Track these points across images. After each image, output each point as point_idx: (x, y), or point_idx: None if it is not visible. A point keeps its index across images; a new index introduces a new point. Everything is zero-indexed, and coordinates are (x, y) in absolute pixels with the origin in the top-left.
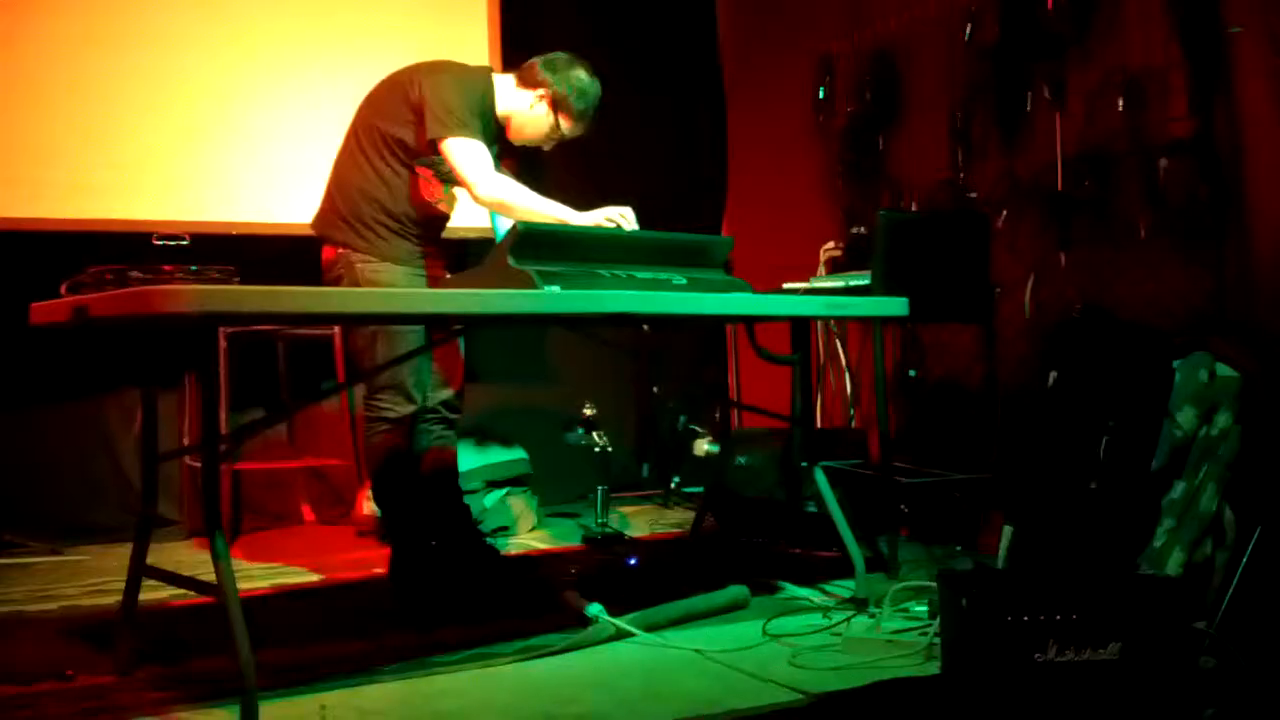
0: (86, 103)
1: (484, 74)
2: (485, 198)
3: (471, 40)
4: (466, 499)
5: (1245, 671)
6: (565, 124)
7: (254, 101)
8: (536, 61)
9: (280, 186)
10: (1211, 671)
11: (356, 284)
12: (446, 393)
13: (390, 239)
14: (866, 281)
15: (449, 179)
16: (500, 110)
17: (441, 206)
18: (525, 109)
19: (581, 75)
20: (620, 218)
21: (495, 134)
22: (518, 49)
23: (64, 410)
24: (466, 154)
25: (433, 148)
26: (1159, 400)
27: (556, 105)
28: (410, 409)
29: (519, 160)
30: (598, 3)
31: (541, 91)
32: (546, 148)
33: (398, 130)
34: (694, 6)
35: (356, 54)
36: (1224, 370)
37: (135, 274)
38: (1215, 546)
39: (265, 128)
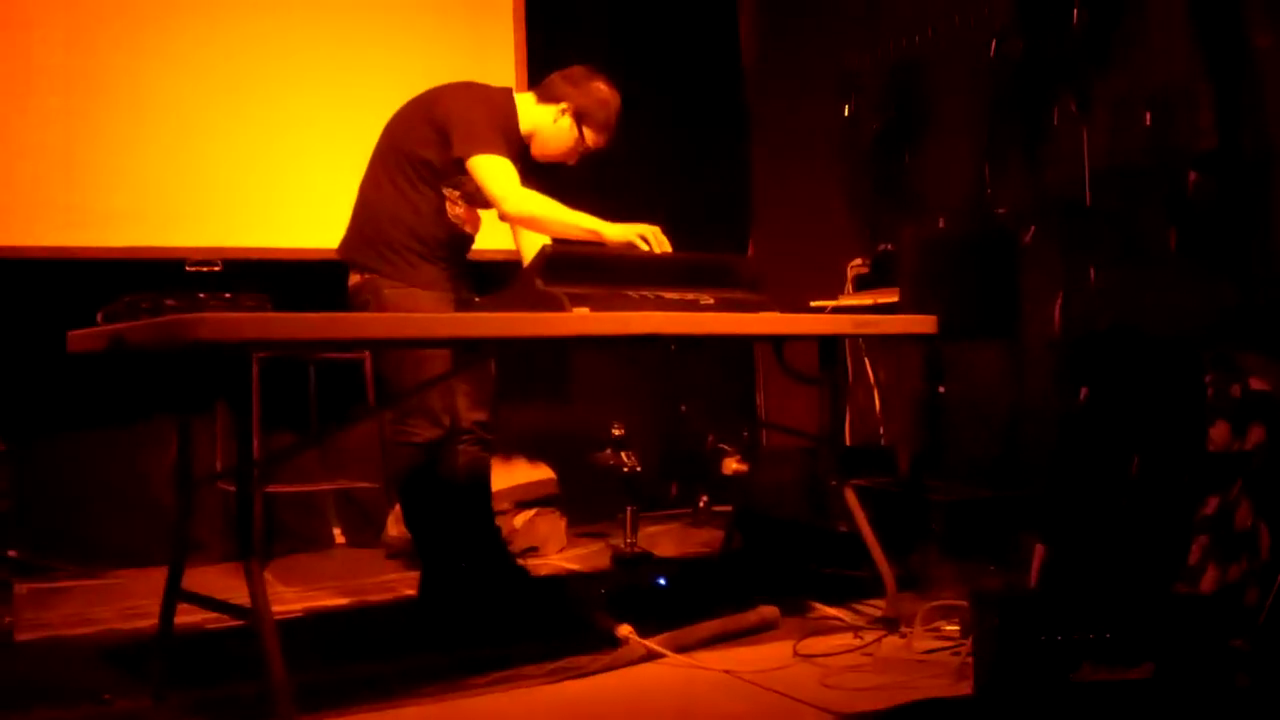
0: (119, 131)
1: (505, 93)
2: (515, 213)
3: (496, 62)
4: (496, 520)
5: None
6: (590, 136)
7: (283, 126)
8: (556, 76)
9: (310, 211)
10: (1248, 690)
11: (384, 309)
12: (480, 413)
13: (418, 264)
14: (894, 299)
15: (475, 199)
16: (523, 128)
17: (468, 229)
18: (548, 124)
19: (601, 87)
20: (651, 236)
21: (519, 152)
22: (542, 70)
23: (100, 436)
24: (494, 171)
25: (459, 167)
26: (1191, 416)
27: (579, 118)
28: (437, 433)
29: (540, 181)
30: (621, 22)
31: (564, 105)
32: (571, 162)
33: (423, 152)
34: (717, 24)
35: (383, 77)
36: (1257, 385)
37: (170, 302)
38: (1250, 563)
39: (294, 152)
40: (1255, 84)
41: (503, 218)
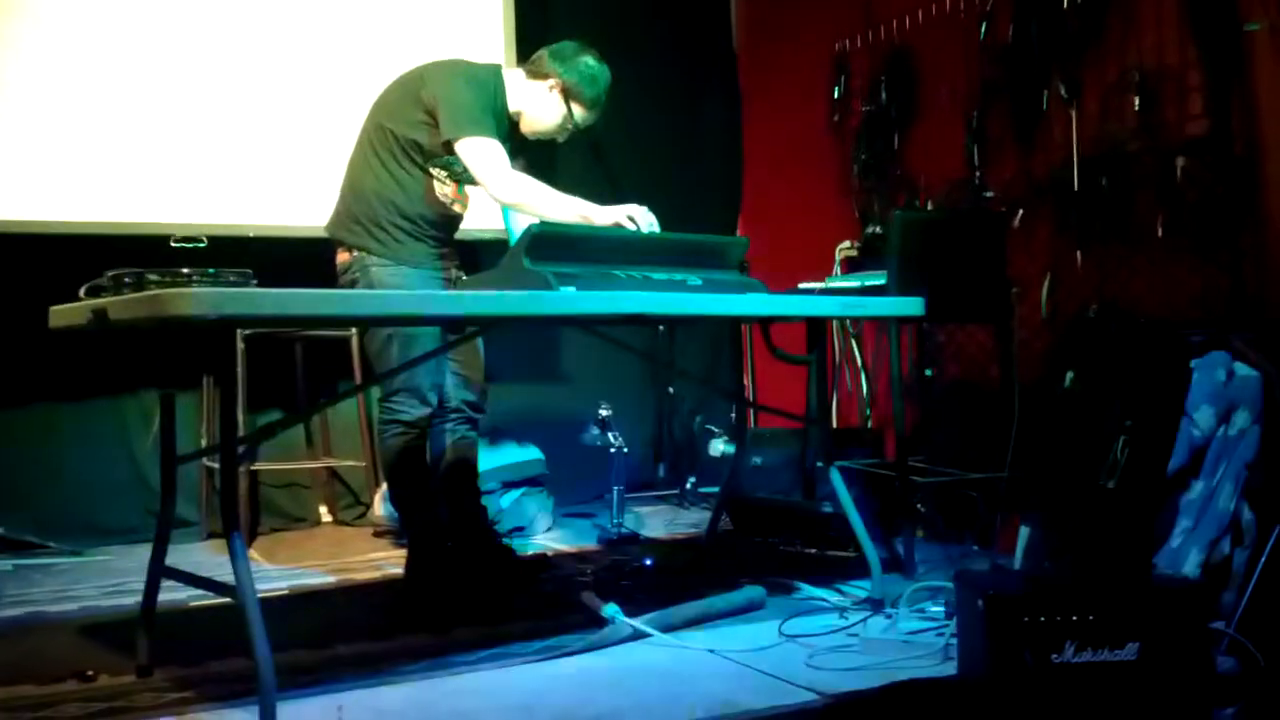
0: (104, 106)
1: (493, 71)
2: (503, 196)
3: (486, 41)
4: (483, 499)
5: (1264, 672)
6: (579, 112)
7: (270, 103)
8: (544, 53)
9: (297, 188)
10: (1229, 672)
11: (371, 287)
12: (469, 392)
13: (406, 241)
14: (882, 281)
15: (463, 179)
16: (512, 106)
17: (456, 207)
18: (537, 101)
19: (590, 62)
20: (639, 216)
21: (508, 131)
22: (532, 46)
23: (83, 412)
24: (483, 152)
25: (448, 148)
26: (1176, 400)
27: (568, 94)
28: (424, 411)
29: (531, 161)
30: (612, 1)
31: (552, 82)
32: (560, 139)
33: (411, 131)
34: (709, 4)
35: (372, 54)
36: (1242, 369)
37: (153, 277)
38: (1233, 546)
39: (281, 129)
40: (1245, 69)
41: (491, 199)
